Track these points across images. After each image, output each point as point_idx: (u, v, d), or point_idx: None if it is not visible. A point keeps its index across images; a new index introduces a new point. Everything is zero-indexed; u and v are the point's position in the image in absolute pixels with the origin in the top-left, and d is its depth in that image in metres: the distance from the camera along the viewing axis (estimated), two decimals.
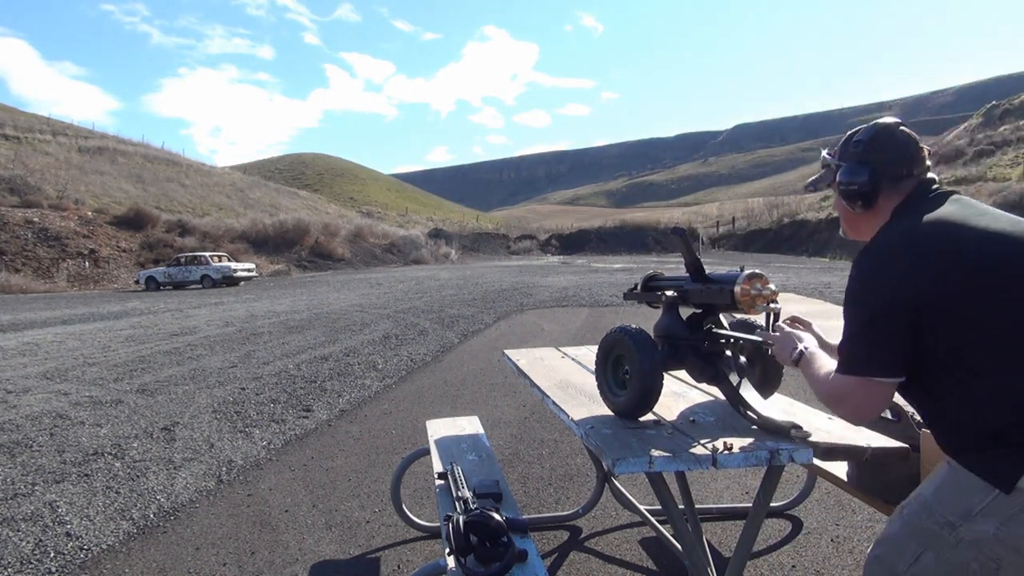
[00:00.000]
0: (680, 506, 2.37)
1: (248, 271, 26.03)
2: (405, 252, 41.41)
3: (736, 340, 1.83)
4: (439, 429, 3.03)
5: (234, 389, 6.09)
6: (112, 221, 30.88)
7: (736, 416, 1.83)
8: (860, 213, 1.47)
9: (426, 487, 3.48)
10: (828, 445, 1.60)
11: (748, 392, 1.82)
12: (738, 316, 1.88)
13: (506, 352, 3.04)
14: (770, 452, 1.56)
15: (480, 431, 3.00)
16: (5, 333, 10.91)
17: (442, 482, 2.29)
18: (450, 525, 1.73)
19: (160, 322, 11.92)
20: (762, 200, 52.18)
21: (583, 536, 2.99)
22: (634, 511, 2.97)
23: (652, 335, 1.88)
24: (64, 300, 18.95)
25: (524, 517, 2.20)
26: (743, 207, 53.44)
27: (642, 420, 1.84)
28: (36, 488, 3.67)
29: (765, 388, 1.86)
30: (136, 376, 6.80)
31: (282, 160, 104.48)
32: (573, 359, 2.80)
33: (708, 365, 1.84)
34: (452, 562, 1.69)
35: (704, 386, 2.06)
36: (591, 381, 2.06)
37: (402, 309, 12.64)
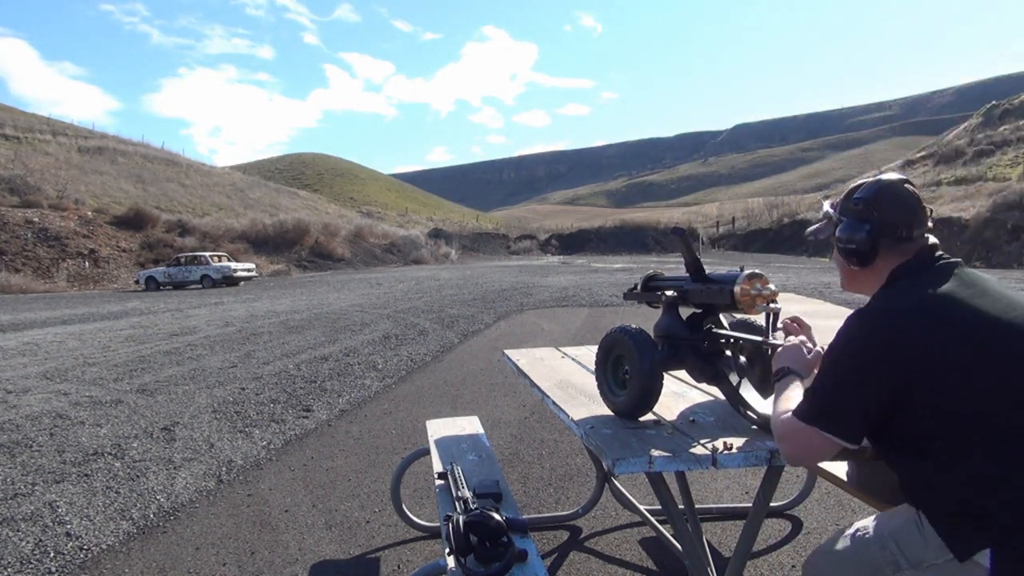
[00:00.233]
0: (680, 506, 2.37)
1: (248, 271, 26.05)
2: (405, 252, 41.42)
3: (736, 340, 1.83)
4: (439, 429, 3.03)
5: (234, 389, 6.09)
6: (112, 221, 30.89)
7: (736, 416, 1.83)
8: (856, 270, 1.44)
9: (426, 487, 3.48)
10: None
11: (748, 392, 1.82)
12: (738, 316, 1.88)
13: (506, 352, 3.04)
14: (770, 452, 1.56)
15: (480, 431, 3.00)
16: (5, 333, 10.91)
17: (442, 482, 2.29)
18: (450, 525, 1.73)
19: (160, 322, 11.93)
20: (762, 200, 52.21)
21: (583, 536, 2.99)
22: (634, 511, 2.96)
23: (652, 335, 1.88)
24: (64, 300, 18.96)
25: (524, 517, 2.20)
26: (743, 207, 53.44)
27: (642, 420, 1.84)
28: (36, 488, 3.67)
29: (765, 388, 1.86)
30: (136, 376, 6.80)
31: (282, 160, 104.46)
32: (573, 359, 2.79)
33: (708, 365, 1.84)
34: (452, 562, 1.69)
35: (704, 386, 2.06)
36: (591, 381, 2.06)
37: (402, 309, 12.64)
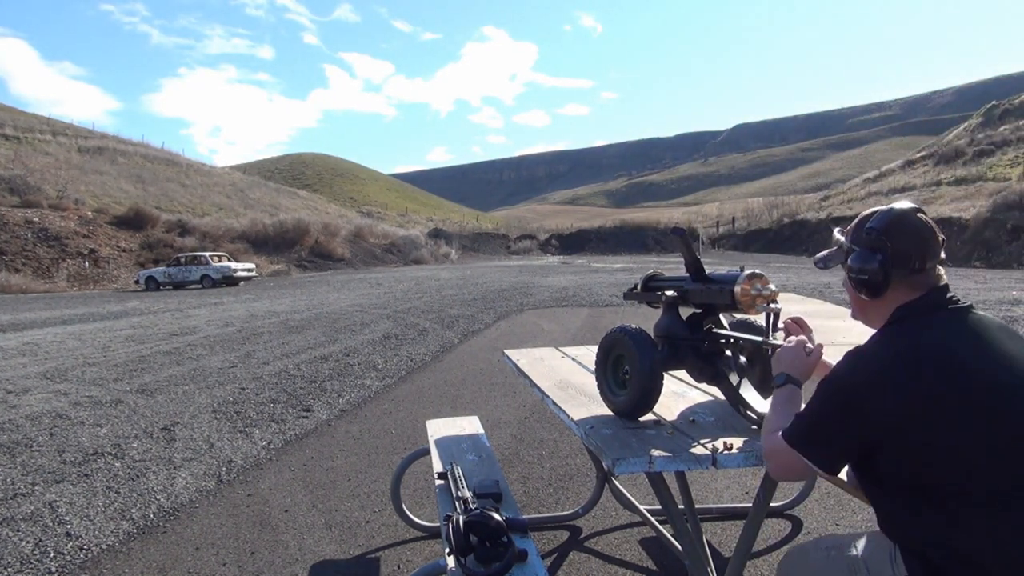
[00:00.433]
0: (680, 506, 2.36)
1: (248, 271, 26.05)
2: (405, 252, 41.42)
3: (736, 340, 1.83)
4: (439, 429, 3.03)
5: (234, 389, 6.09)
6: (112, 221, 30.89)
7: (736, 416, 1.83)
8: (866, 300, 1.42)
9: (426, 487, 3.48)
10: None
11: (748, 392, 1.82)
12: (738, 316, 1.88)
13: (506, 352, 3.04)
14: None
15: (480, 431, 3.00)
16: (5, 333, 10.91)
17: (442, 482, 2.29)
18: (450, 525, 1.73)
19: (160, 322, 11.92)
20: (762, 200, 52.22)
21: (583, 536, 2.99)
22: (634, 511, 2.97)
23: (652, 335, 1.88)
24: (64, 300, 18.96)
25: (524, 517, 2.20)
26: (743, 207, 53.46)
27: (642, 420, 1.84)
28: (36, 488, 3.67)
29: (765, 388, 1.86)
30: (136, 376, 6.80)
31: (282, 160, 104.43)
32: (573, 359, 2.79)
33: (708, 365, 1.85)
34: (452, 562, 1.69)
35: (704, 386, 2.06)
36: (591, 381, 2.06)
37: (402, 309, 12.64)
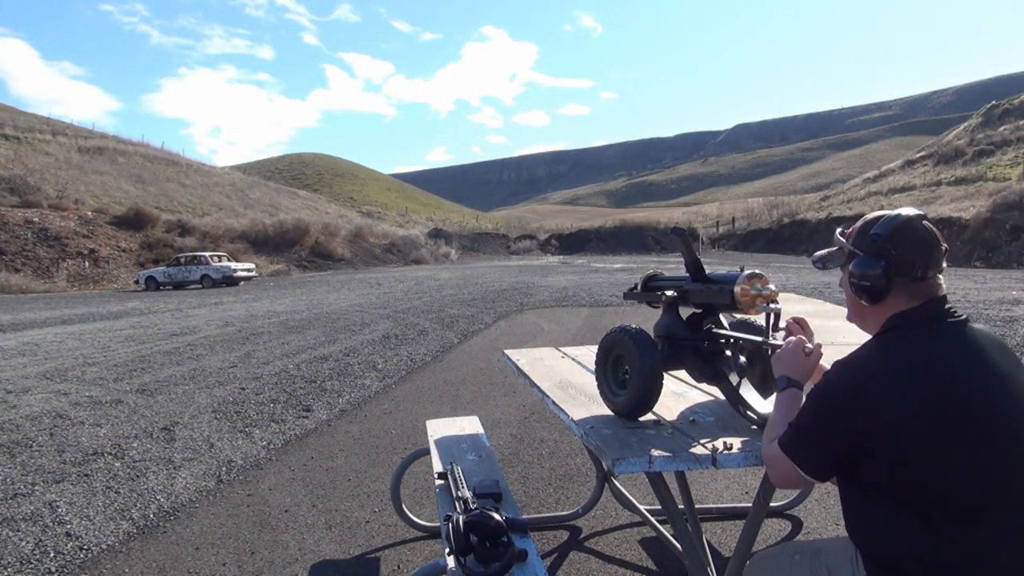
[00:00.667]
0: (680, 506, 2.36)
1: (248, 271, 26.04)
2: (405, 252, 41.42)
3: (736, 340, 1.83)
4: (439, 429, 3.03)
5: (234, 389, 6.09)
6: (112, 221, 30.88)
7: (736, 416, 1.83)
8: (865, 306, 1.42)
9: (426, 487, 3.48)
10: None
11: (748, 392, 1.82)
12: (738, 316, 1.88)
13: (506, 352, 3.04)
14: None
15: (480, 431, 3.00)
16: (5, 333, 10.91)
17: (442, 482, 2.29)
18: (450, 525, 1.73)
19: (160, 322, 11.92)
20: (762, 200, 52.24)
21: (583, 536, 2.99)
22: (634, 511, 2.97)
23: (652, 335, 1.88)
24: (64, 300, 18.95)
25: (524, 517, 2.20)
26: (743, 207, 53.47)
27: (642, 420, 1.84)
28: (36, 488, 3.67)
29: (765, 388, 1.86)
30: (136, 376, 6.80)
31: (282, 160, 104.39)
32: (573, 359, 2.79)
33: (708, 365, 1.84)
34: (452, 562, 1.69)
35: (704, 386, 2.06)
36: (591, 381, 2.06)
37: (402, 309, 12.64)
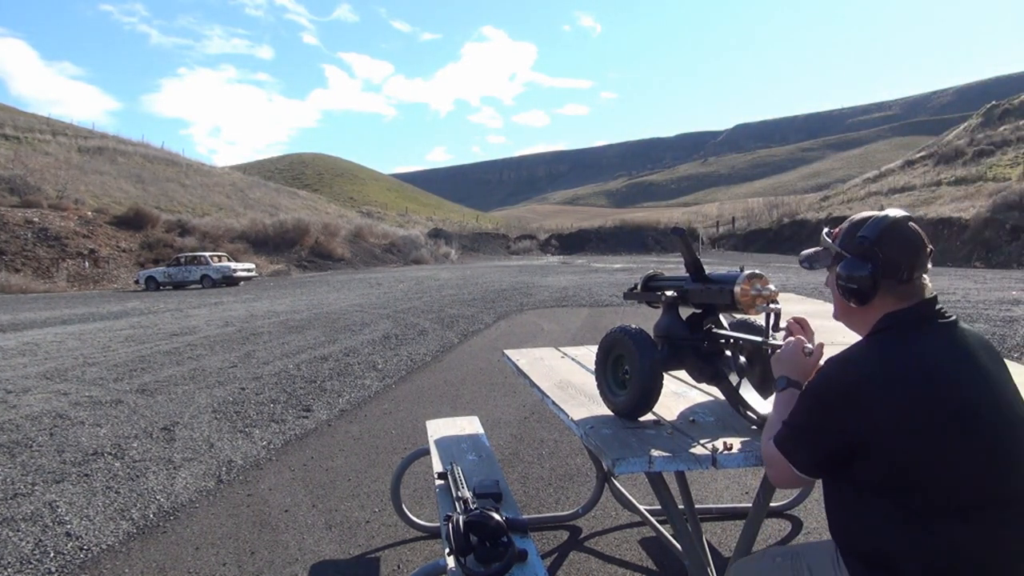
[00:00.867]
0: (680, 506, 2.37)
1: (248, 271, 26.04)
2: (405, 252, 41.41)
3: (736, 340, 1.83)
4: (439, 429, 3.03)
5: (234, 389, 6.09)
6: (112, 221, 30.88)
7: (736, 416, 1.83)
8: (852, 307, 1.43)
9: (426, 487, 3.48)
10: None
11: (748, 392, 1.82)
12: (738, 316, 1.88)
13: (506, 352, 3.04)
14: None
15: (480, 431, 3.00)
16: (5, 333, 10.91)
17: (442, 482, 2.29)
18: (450, 525, 1.73)
19: (160, 322, 11.92)
20: (762, 200, 52.23)
21: (583, 536, 2.99)
22: (634, 511, 2.97)
23: (652, 335, 1.88)
24: (64, 300, 18.95)
25: (524, 517, 2.20)
26: (743, 207, 53.47)
27: (642, 420, 1.84)
28: (36, 488, 3.67)
29: (765, 388, 1.86)
30: (136, 376, 6.80)
31: (282, 160, 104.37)
32: (573, 359, 2.79)
33: (708, 365, 1.84)
34: (452, 562, 1.69)
35: (704, 386, 2.06)
36: (591, 381, 2.06)
37: (402, 309, 12.64)
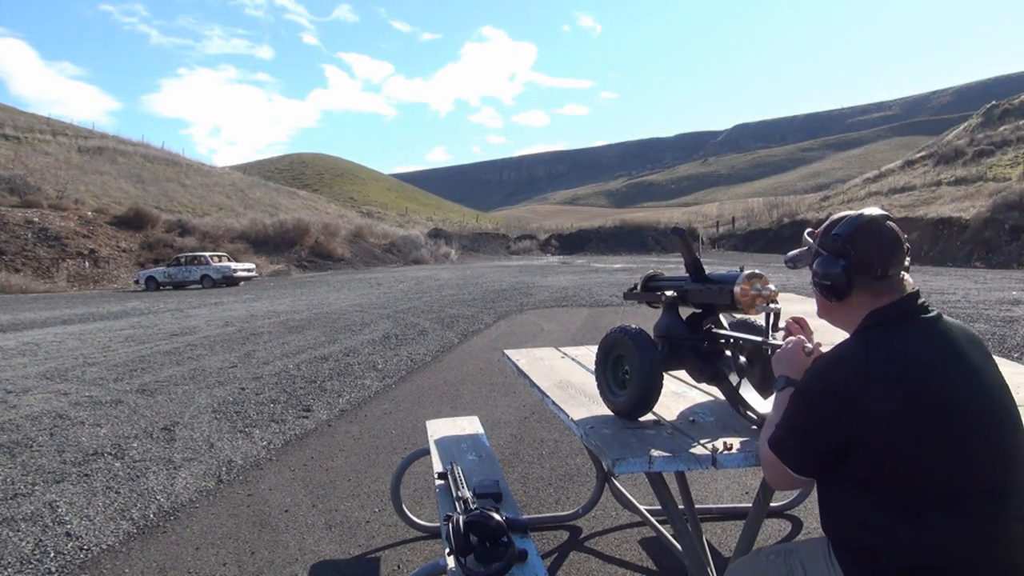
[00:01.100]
0: (680, 506, 2.36)
1: (248, 271, 26.04)
2: (405, 252, 41.41)
3: (736, 340, 1.83)
4: (439, 429, 3.03)
5: (234, 389, 6.09)
6: (112, 221, 30.88)
7: (736, 416, 1.83)
8: (831, 303, 1.44)
9: (426, 487, 3.48)
10: None
11: (748, 392, 1.82)
12: (738, 316, 1.88)
13: (506, 352, 3.04)
14: None
15: (480, 431, 3.00)
16: (5, 333, 10.91)
17: (442, 482, 2.29)
18: (450, 525, 1.73)
19: (160, 322, 11.92)
20: (762, 200, 52.20)
21: (583, 536, 2.99)
22: (634, 511, 2.97)
23: (652, 335, 1.88)
24: (64, 300, 18.95)
25: (524, 517, 2.21)
26: (743, 207, 53.43)
27: (642, 420, 1.84)
28: (36, 488, 3.67)
29: (765, 388, 1.86)
30: (136, 376, 6.80)
31: (282, 160, 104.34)
32: (573, 359, 2.79)
33: (708, 365, 1.84)
34: (452, 562, 1.69)
35: (704, 386, 2.06)
36: (591, 381, 2.06)
37: (402, 309, 12.64)
